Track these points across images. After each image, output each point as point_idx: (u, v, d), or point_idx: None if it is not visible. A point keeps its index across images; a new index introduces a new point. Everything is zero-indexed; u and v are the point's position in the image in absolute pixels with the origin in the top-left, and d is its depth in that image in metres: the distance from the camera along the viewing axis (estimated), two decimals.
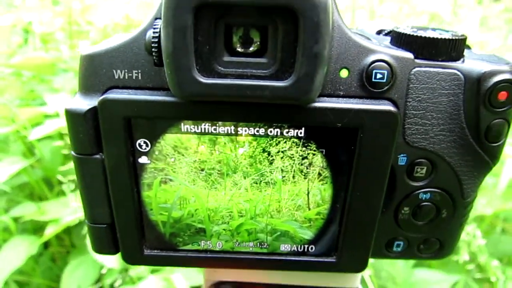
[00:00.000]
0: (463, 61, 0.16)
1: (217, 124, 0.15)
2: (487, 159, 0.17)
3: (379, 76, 0.15)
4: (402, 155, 0.16)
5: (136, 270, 0.85)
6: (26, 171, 0.89)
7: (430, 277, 0.64)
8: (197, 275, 0.74)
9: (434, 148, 0.16)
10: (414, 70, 0.16)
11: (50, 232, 0.81)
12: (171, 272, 0.72)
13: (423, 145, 0.16)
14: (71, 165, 0.89)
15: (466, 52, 0.17)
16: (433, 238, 0.18)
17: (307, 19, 0.13)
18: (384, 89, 0.16)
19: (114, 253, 0.19)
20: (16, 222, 0.88)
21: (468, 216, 0.18)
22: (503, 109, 0.16)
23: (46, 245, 0.98)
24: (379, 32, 0.20)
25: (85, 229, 1.00)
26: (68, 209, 0.86)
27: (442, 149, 0.16)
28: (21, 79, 1.01)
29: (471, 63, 0.16)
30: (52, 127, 0.83)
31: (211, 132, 0.15)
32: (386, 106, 0.15)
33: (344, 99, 0.16)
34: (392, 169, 0.16)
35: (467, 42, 0.17)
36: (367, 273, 0.61)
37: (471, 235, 0.53)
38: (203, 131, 0.15)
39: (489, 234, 0.71)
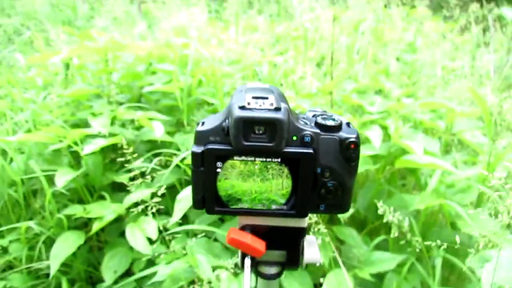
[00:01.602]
0: (339, 132, 0.40)
1: (248, 158, 0.39)
2: (351, 169, 0.40)
3: (307, 139, 0.39)
4: (318, 168, 0.40)
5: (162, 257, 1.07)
6: (74, 179, 1.12)
7: (384, 257, 0.87)
8: (214, 260, 0.96)
9: (331, 165, 0.40)
10: (320, 137, 0.40)
11: (95, 226, 1.03)
12: (193, 259, 0.93)
13: (327, 164, 0.40)
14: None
15: (343, 126, 0.40)
16: (337, 203, 0.41)
17: (278, 128, 0.37)
18: (310, 143, 0.39)
19: (202, 208, 0.42)
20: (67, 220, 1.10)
21: (352, 192, 0.42)
22: (353, 150, 0.39)
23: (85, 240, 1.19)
24: (313, 115, 0.43)
25: (118, 228, 1.23)
26: (108, 210, 1.09)
27: (333, 165, 0.40)
28: (68, 105, 1.25)
29: (342, 133, 0.40)
30: (99, 144, 1.07)
31: (245, 160, 0.39)
32: (310, 150, 0.39)
33: (294, 147, 0.39)
34: (314, 174, 0.40)
35: (343, 122, 0.40)
36: (339, 259, 0.84)
37: (400, 221, 0.76)
38: (243, 159, 0.39)
39: (429, 228, 0.95)
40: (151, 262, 1.11)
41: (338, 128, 0.39)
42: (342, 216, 0.83)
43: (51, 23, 1.94)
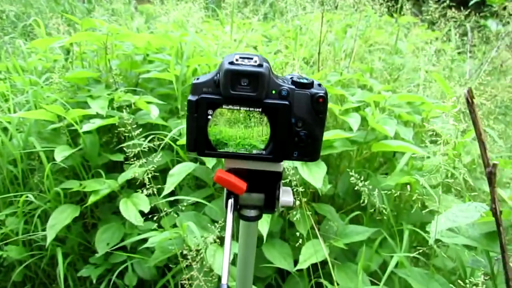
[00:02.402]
0: (311, 89, 0.48)
1: (234, 106, 0.46)
2: (320, 121, 0.48)
3: (284, 93, 0.46)
4: (293, 118, 0.48)
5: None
6: (72, 156, 1.18)
7: (358, 230, 0.95)
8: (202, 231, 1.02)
9: (303, 116, 0.47)
10: (295, 92, 0.47)
11: (91, 199, 1.10)
12: (182, 229, 1.00)
13: (300, 115, 0.48)
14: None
15: (315, 85, 0.48)
16: (308, 151, 0.49)
17: (260, 80, 0.44)
18: (286, 97, 0.46)
19: (194, 151, 0.49)
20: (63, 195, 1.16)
21: (321, 141, 0.50)
22: (322, 104, 0.47)
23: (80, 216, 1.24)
24: (291, 78, 0.51)
25: (112, 206, 1.29)
26: (104, 185, 1.15)
27: (305, 116, 0.47)
28: (68, 89, 1.31)
29: (313, 90, 0.48)
30: (97, 123, 1.14)
31: (232, 108, 0.47)
32: (286, 102, 0.46)
33: (273, 99, 0.47)
34: (289, 123, 0.47)
35: (315, 82, 0.48)
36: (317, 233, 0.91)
37: (373, 195, 0.84)
38: (230, 108, 0.47)
39: (402, 209, 1.03)
40: (144, 240, 1.17)
41: (310, 85, 0.47)
42: (321, 190, 0.91)
43: (51, 13, 2.00)
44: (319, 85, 0.49)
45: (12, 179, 1.25)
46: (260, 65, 0.45)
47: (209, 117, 0.47)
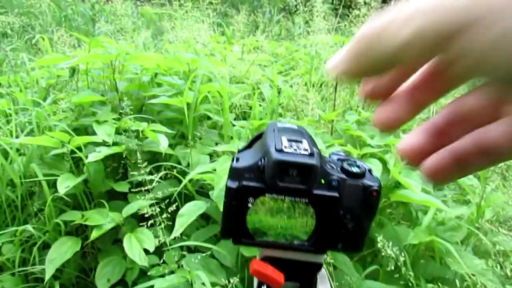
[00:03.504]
0: (363, 179, 0.44)
1: (278, 196, 0.42)
2: (370, 214, 0.44)
3: (334, 183, 0.42)
4: (341, 210, 0.44)
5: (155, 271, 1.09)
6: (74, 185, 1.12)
7: (376, 286, 0.91)
8: (210, 277, 0.98)
9: (353, 208, 0.44)
10: (346, 182, 0.43)
11: (93, 235, 1.04)
12: (190, 274, 0.95)
13: (349, 207, 0.44)
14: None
15: (367, 174, 0.44)
16: (353, 243, 0.45)
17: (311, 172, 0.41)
18: (336, 188, 0.43)
19: (229, 237, 0.45)
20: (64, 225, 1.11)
21: (367, 234, 0.46)
22: (375, 198, 0.43)
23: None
24: (338, 159, 0.47)
25: (113, 235, 1.23)
26: (107, 219, 1.10)
27: (355, 209, 0.43)
28: (72, 110, 1.26)
29: (366, 181, 0.44)
30: (103, 153, 1.09)
31: (276, 198, 0.43)
32: (336, 194, 0.43)
33: (322, 190, 0.43)
34: (337, 215, 0.43)
35: (367, 169, 0.45)
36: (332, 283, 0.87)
37: (396, 256, 0.81)
38: (274, 197, 0.43)
39: (418, 260, 1.00)
40: (143, 272, 1.13)
41: (362, 175, 0.43)
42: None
43: (55, 24, 1.95)
44: (370, 172, 0.45)
45: (10, 203, 1.19)
46: (311, 154, 0.41)
47: (249, 205, 0.43)
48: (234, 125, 1.25)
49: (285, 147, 0.42)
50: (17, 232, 1.09)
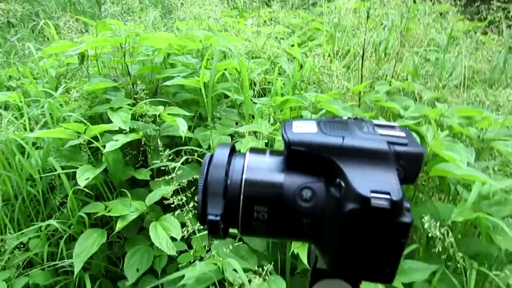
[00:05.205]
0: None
1: None
2: None
3: None
4: None
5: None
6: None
7: (416, 266, 0.86)
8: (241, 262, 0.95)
9: None
10: None
11: (118, 225, 1.02)
12: (221, 262, 0.92)
13: None
14: None
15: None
16: None
17: None
18: None
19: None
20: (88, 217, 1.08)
21: None
22: None
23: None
24: None
25: (138, 223, 1.21)
26: (130, 208, 1.07)
27: None
28: (85, 98, 1.21)
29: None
30: (120, 141, 1.04)
31: None
32: None
33: None
34: None
35: None
36: None
37: (444, 234, 0.75)
38: None
39: (463, 238, 0.94)
40: (171, 258, 1.10)
41: None
42: None
43: (59, 9, 1.89)
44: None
45: (32, 198, 1.17)
46: None
47: None
48: (255, 103, 1.18)
49: None
50: (41, 227, 1.08)
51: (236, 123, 1.26)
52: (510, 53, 1.39)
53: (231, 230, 0.34)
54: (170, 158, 1.05)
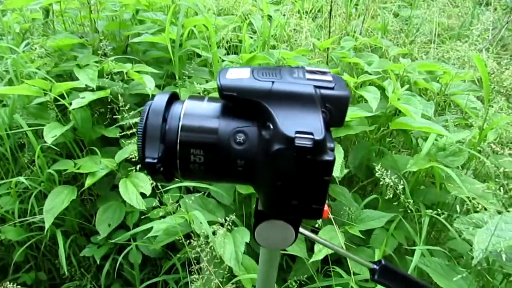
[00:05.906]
0: None
1: None
2: None
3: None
4: None
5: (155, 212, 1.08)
6: (63, 134, 1.09)
7: (374, 215, 0.91)
8: (209, 215, 0.98)
9: None
10: None
11: (88, 182, 1.03)
12: (188, 215, 0.95)
13: None
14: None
15: None
16: None
17: None
18: None
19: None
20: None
21: None
22: None
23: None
24: None
25: (110, 181, 1.22)
26: (100, 165, 1.08)
27: None
28: (51, 55, 1.18)
29: None
30: (87, 99, 1.03)
31: None
32: None
33: None
34: None
35: None
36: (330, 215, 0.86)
37: (395, 184, 0.78)
38: None
39: (418, 187, 0.98)
40: (143, 214, 1.13)
41: None
42: (336, 176, 0.85)
43: None
44: None
45: (1, 157, 1.17)
46: None
47: None
48: (224, 61, 1.17)
49: None
50: (11, 184, 1.08)
51: (207, 81, 1.25)
52: (477, 8, 1.41)
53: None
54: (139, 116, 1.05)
